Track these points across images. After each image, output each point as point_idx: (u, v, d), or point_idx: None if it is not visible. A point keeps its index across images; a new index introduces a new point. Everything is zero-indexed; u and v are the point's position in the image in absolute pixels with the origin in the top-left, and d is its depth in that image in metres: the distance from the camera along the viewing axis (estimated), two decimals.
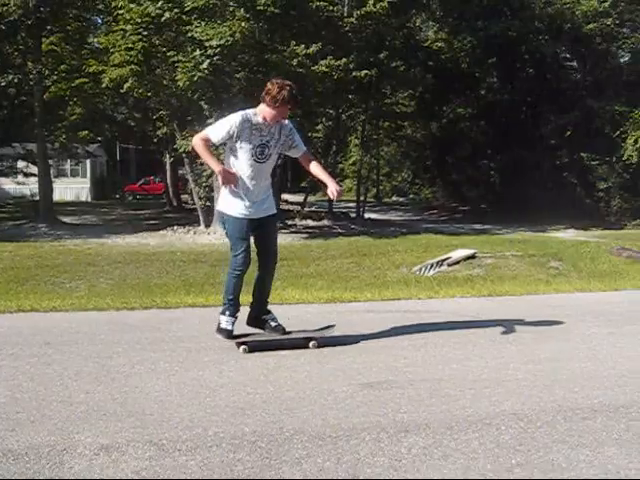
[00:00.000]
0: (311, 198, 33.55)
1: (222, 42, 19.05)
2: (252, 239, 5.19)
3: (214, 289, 10.92)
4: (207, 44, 19.29)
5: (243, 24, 19.29)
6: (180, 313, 6.71)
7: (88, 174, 43.53)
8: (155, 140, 30.97)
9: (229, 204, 5.06)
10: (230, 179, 4.94)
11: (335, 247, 19.67)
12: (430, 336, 5.57)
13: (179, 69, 19.84)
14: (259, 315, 5.26)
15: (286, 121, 5.07)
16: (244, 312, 5.30)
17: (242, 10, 19.77)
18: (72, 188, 42.52)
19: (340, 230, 24.33)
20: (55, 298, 8.00)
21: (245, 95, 21.41)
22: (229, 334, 5.12)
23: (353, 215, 29.43)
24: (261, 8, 19.91)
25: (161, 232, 22.55)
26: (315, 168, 5.22)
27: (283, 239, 20.71)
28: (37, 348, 5.05)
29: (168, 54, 20.59)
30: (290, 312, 5.51)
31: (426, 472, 3.01)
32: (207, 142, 4.97)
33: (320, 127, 31.79)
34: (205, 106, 20.78)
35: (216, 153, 5.52)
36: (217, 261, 15.86)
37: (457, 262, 15.08)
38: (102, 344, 5.25)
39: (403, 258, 16.32)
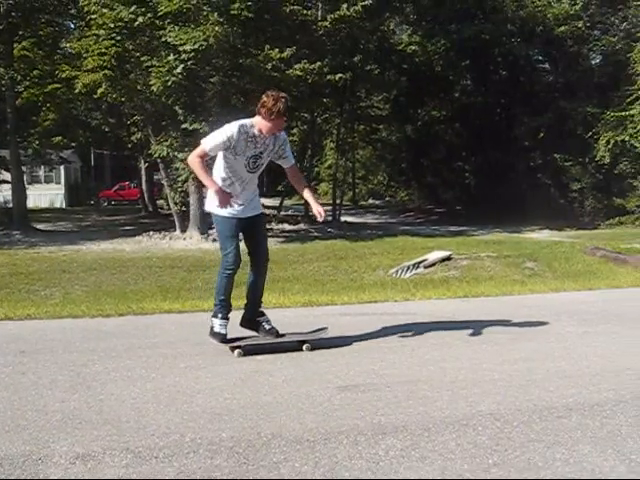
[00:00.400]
0: (287, 202, 33.52)
1: (196, 47, 18.99)
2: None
3: (190, 294, 10.92)
4: (181, 49, 19.21)
5: (217, 28, 19.24)
6: (156, 319, 6.68)
7: (62, 180, 43.13)
8: (130, 145, 30.81)
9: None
10: (227, 200, 4.94)
11: (312, 251, 19.67)
12: (407, 338, 5.60)
13: (153, 74, 19.74)
14: (253, 317, 5.29)
15: (281, 132, 5.10)
16: (235, 315, 5.31)
17: (216, 14, 19.71)
18: (46, 194, 42.11)
19: (317, 234, 24.32)
20: (29, 306, 7.92)
21: (220, 99, 21.37)
22: (223, 338, 5.13)
23: (329, 218, 29.44)
24: (235, 12, 19.87)
25: (137, 238, 22.40)
26: (301, 186, 5.32)
27: None
28: (11, 357, 5.01)
29: (142, 59, 20.49)
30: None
31: (404, 474, 3.02)
32: (203, 158, 4.96)
33: (295, 131, 31.81)
34: (180, 111, 20.69)
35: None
36: (193, 266, 15.81)
37: (433, 264, 15.12)
38: (77, 352, 5.21)
39: (380, 261, 16.36)
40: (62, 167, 41.19)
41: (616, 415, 3.76)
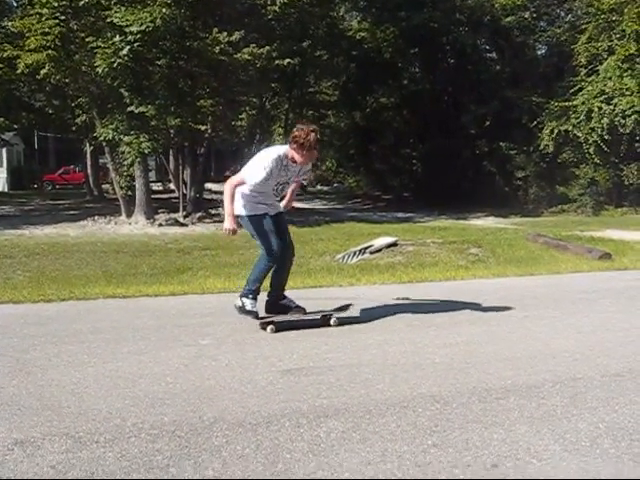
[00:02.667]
0: None
1: (142, 28, 18.63)
2: None
3: (135, 279, 10.79)
4: (127, 30, 18.83)
5: (164, 10, 18.91)
6: (99, 304, 6.61)
7: (4, 163, 42.08)
8: (74, 128, 30.19)
9: (252, 207, 5.31)
10: (234, 231, 5.23)
11: None
12: (350, 322, 5.65)
13: (98, 55, 19.32)
14: (277, 301, 5.55)
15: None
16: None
17: None
18: None
19: None
20: None
21: (167, 82, 21.07)
22: (256, 315, 5.43)
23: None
24: None
25: (81, 222, 21.99)
26: (293, 188, 5.63)
27: (206, 228, 20.54)
28: None
29: (87, 40, 20.02)
30: (211, 301, 5.49)
31: (344, 456, 3.06)
32: (237, 185, 5.20)
33: (244, 116, 31.57)
34: (125, 93, 20.31)
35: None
36: (138, 251, 15.62)
37: (379, 250, 15.16)
38: (17, 337, 5.13)
39: (326, 246, 16.34)
40: (4, 150, 40.12)
41: (552, 396, 3.87)
